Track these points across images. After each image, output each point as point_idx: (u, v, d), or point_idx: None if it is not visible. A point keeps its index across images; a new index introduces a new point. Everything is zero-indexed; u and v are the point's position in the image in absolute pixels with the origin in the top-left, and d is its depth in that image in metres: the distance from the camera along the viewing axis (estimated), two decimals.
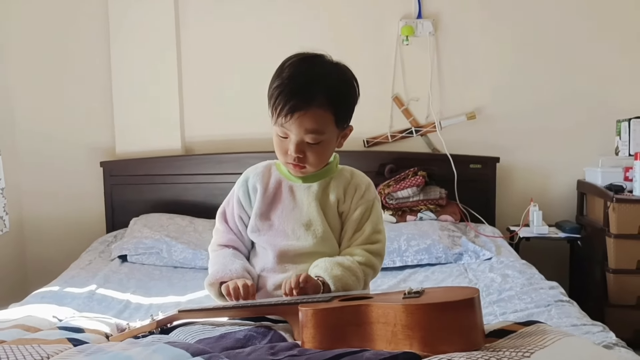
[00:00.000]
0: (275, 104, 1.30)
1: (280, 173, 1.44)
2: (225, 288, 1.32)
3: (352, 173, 1.46)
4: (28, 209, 3.22)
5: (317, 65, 1.35)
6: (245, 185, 1.44)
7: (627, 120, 2.86)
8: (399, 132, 3.12)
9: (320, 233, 1.36)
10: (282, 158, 1.37)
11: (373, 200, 1.43)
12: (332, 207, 1.39)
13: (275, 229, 1.39)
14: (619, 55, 3.08)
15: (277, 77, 1.33)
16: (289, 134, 1.32)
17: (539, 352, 0.93)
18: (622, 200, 2.58)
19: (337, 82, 1.35)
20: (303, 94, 1.29)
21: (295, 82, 1.30)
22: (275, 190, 1.41)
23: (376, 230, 1.40)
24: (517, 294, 1.99)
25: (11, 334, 1.22)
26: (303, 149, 1.33)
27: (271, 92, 1.33)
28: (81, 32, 3.16)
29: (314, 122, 1.30)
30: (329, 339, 1.07)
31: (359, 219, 1.40)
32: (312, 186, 1.40)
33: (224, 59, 3.16)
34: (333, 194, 1.40)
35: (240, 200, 1.44)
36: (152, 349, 1.04)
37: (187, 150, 3.19)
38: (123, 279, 2.36)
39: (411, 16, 3.07)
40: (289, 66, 1.33)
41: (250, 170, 1.47)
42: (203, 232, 2.71)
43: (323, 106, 1.31)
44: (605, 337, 1.58)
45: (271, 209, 1.41)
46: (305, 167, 1.36)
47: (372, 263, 1.37)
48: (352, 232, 1.40)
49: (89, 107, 3.19)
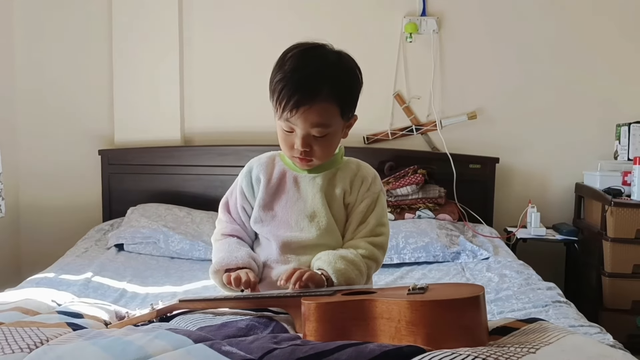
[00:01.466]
0: (280, 98, 1.27)
1: (284, 164, 1.42)
2: (227, 277, 1.31)
3: (359, 165, 1.45)
4: (24, 195, 3.20)
5: (319, 56, 1.32)
6: (249, 175, 1.43)
7: (626, 125, 2.87)
8: (399, 129, 3.11)
9: (324, 225, 1.35)
10: (288, 152, 1.35)
11: (379, 193, 1.42)
12: (338, 198, 1.38)
13: (279, 219, 1.38)
14: (620, 60, 3.09)
15: (278, 69, 1.30)
16: (294, 128, 1.30)
17: (545, 348, 0.93)
18: (620, 204, 2.59)
19: (340, 73, 1.33)
20: (307, 88, 1.26)
21: (298, 76, 1.27)
22: (279, 181, 1.40)
23: (380, 223, 1.39)
24: (514, 293, 1.99)
25: (10, 317, 1.21)
26: (309, 143, 1.31)
27: (274, 85, 1.30)
28: (83, 20, 3.14)
29: (320, 116, 1.29)
30: (331, 333, 1.06)
31: (364, 211, 1.39)
32: (317, 177, 1.38)
33: (226, 51, 3.14)
34: (339, 185, 1.38)
35: (244, 191, 1.43)
36: (154, 335, 1.03)
37: (186, 141, 3.18)
38: (119, 267, 2.35)
39: (415, 13, 3.07)
40: (290, 58, 1.30)
41: (254, 161, 1.46)
42: (201, 223, 2.70)
43: (328, 99, 1.29)
44: (603, 339, 1.58)
45: (275, 200, 1.39)
46: (312, 160, 1.35)
47: (375, 256, 1.36)
48: (356, 224, 1.39)
49: (88, 94, 3.17)
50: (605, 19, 3.08)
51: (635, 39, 3.08)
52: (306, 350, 0.94)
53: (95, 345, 1.00)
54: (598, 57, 3.09)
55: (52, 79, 3.16)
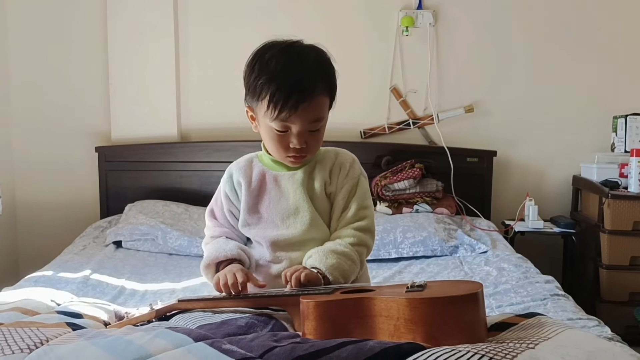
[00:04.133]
0: (274, 100, 1.24)
1: (263, 164, 1.41)
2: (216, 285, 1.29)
3: (337, 153, 1.43)
4: (21, 193, 3.20)
5: (302, 53, 1.31)
6: (231, 180, 1.43)
7: (623, 117, 2.88)
8: (396, 123, 3.11)
9: (308, 219, 1.34)
10: (282, 153, 1.33)
11: (358, 177, 1.40)
12: (320, 191, 1.37)
13: (265, 220, 1.38)
14: (617, 52, 3.09)
15: (261, 71, 1.28)
16: (290, 127, 1.29)
17: (544, 343, 0.93)
18: (617, 196, 2.60)
19: (325, 66, 1.33)
20: (304, 85, 1.25)
21: (290, 75, 1.25)
22: (260, 182, 1.39)
23: (362, 206, 1.38)
24: (513, 287, 1.99)
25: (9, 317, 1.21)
26: (306, 139, 1.31)
27: (259, 87, 1.27)
28: (78, 16, 3.13)
29: (317, 111, 1.29)
30: (330, 331, 1.06)
31: (346, 197, 1.38)
32: (296, 173, 1.38)
33: (222, 46, 3.13)
34: (319, 177, 1.38)
35: (228, 196, 1.42)
36: (154, 334, 1.03)
37: (183, 137, 3.17)
38: (118, 264, 2.35)
39: (411, 7, 3.06)
40: (272, 58, 1.28)
41: (233, 166, 1.45)
42: (198, 219, 2.70)
43: (322, 92, 1.29)
44: (601, 331, 1.59)
45: (258, 202, 1.39)
46: (306, 156, 1.35)
47: (363, 241, 1.35)
48: (339, 212, 1.38)
49: (85, 92, 3.16)
50: (603, 11, 3.08)
51: (632, 30, 3.08)
52: (306, 348, 0.94)
53: (95, 345, 0.99)
54: (595, 49, 3.09)
55: (48, 77, 3.15)
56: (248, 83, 1.31)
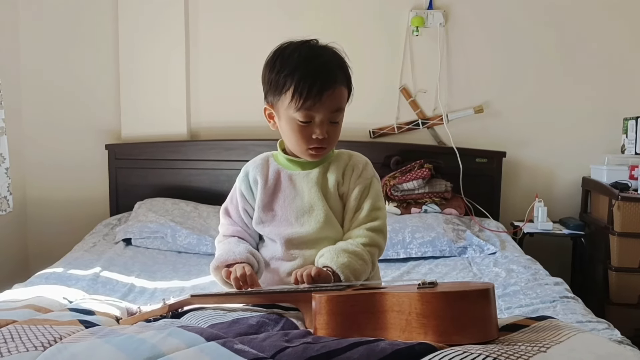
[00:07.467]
0: (300, 89, 1.28)
1: (278, 163, 1.44)
2: (227, 273, 1.33)
3: (350, 155, 1.46)
4: (32, 190, 3.22)
5: (322, 47, 1.36)
6: (247, 179, 1.45)
7: (634, 119, 2.86)
8: (405, 123, 3.11)
9: (323, 218, 1.36)
10: (304, 145, 1.35)
11: (371, 178, 1.42)
12: (333, 190, 1.39)
13: (279, 218, 1.39)
14: (628, 53, 3.08)
15: (282, 65, 1.31)
16: (314, 116, 1.31)
17: (556, 347, 0.93)
18: (627, 198, 2.58)
19: (343, 61, 1.37)
20: (327, 73, 1.30)
21: (314, 64, 1.30)
22: (275, 181, 1.42)
23: (375, 207, 1.39)
24: (522, 289, 1.99)
25: (23, 314, 1.22)
26: (327, 130, 1.33)
27: (282, 80, 1.31)
28: (90, 14, 3.15)
29: (338, 100, 1.33)
30: (342, 326, 1.06)
31: (358, 197, 1.39)
32: (311, 172, 1.40)
33: (232, 45, 3.14)
34: (332, 177, 1.40)
35: (244, 194, 1.44)
36: (166, 333, 1.03)
37: (192, 135, 3.19)
38: (127, 262, 2.36)
39: (422, 7, 3.06)
40: (293, 52, 1.32)
41: (250, 164, 1.47)
42: (207, 217, 2.71)
43: (343, 83, 1.34)
44: (611, 334, 1.58)
45: (273, 200, 1.41)
46: (326, 148, 1.37)
47: (375, 242, 1.36)
48: (352, 213, 1.39)
49: (95, 89, 3.18)
50: (613, 13, 3.06)
51: None
52: (318, 349, 0.95)
53: (108, 344, 1.00)
54: (605, 51, 3.08)
55: (59, 75, 3.17)
56: (269, 79, 1.35)
